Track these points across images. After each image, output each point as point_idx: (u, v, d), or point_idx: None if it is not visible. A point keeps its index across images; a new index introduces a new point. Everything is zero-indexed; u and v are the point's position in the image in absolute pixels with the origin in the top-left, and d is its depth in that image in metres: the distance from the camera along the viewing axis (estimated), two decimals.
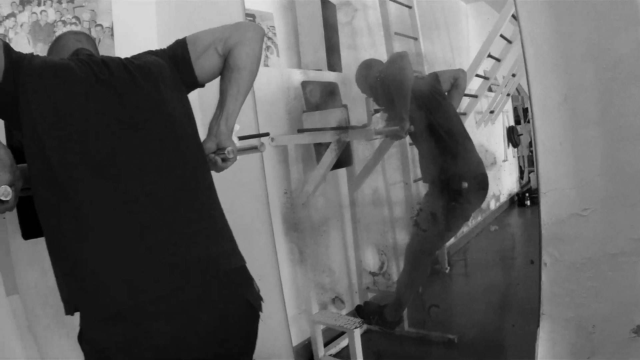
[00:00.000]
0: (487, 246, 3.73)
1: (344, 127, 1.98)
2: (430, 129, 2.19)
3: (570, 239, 1.54)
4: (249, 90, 1.22)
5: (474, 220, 3.89)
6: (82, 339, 1.00)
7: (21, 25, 2.14)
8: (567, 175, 1.50)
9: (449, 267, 3.21)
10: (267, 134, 1.99)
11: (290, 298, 2.21)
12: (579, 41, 1.43)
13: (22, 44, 2.13)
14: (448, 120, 2.28)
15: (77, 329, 0.99)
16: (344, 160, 2.21)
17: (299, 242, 2.22)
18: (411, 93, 2.07)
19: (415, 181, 2.79)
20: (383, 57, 2.68)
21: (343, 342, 2.45)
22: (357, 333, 2.11)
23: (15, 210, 1.13)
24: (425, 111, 2.18)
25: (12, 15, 2.13)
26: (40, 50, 2.16)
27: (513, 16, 3.48)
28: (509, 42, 3.71)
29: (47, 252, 1.01)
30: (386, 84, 2.17)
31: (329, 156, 1.96)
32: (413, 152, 2.98)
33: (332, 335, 2.48)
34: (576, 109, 1.46)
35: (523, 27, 1.48)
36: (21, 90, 0.97)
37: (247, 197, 1.96)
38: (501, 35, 3.44)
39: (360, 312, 2.53)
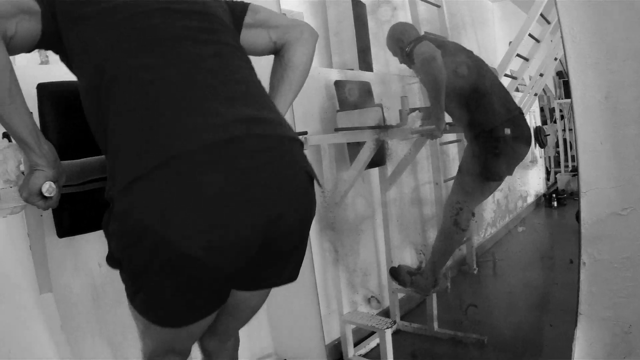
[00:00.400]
0: (514, 247, 3.71)
1: (382, 126, 1.99)
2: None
3: (609, 239, 1.53)
4: (299, 90, 1.21)
5: (502, 221, 3.87)
6: (112, 216, 0.87)
7: None
8: (607, 175, 1.50)
9: (477, 268, 3.21)
10: (305, 133, 2.01)
11: (321, 297, 2.22)
12: (620, 39, 1.43)
13: None
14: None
15: (108, 327, 1.01)
16: (377, 159, 2.22)
17: (335, 242, 2.23)
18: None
19: (445, 181, 2.80)
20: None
21: (372, 343, 2.46)
22: (389, 333, 2.12)
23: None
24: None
25: None
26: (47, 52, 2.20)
27: (542, 15, 3.47)
28: (537, 41, 3.69)
29: (80, 250, 1.02)
30: (417, 68, 2.22)
31: (365, 155, 1.97)
32: (444, 152, 2.99)
33: (362, 336, 2.49)
34: (617, 108, 1.45)
35: (564, 25, 1.47)
36: None
37: None
38: (529, 35, 3.42)
39: (394, 274, 2.50)
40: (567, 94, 5.95)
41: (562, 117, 5.54)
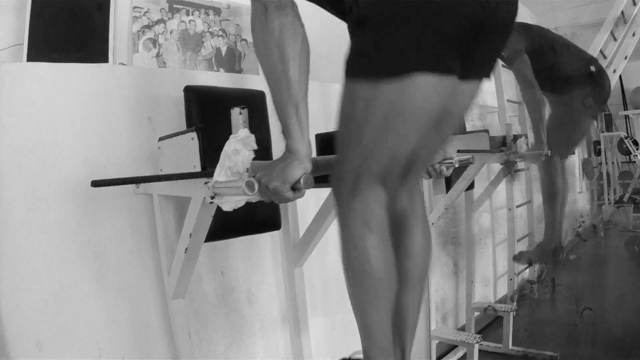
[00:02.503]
0: (567, 274, 3.74)
1: (503, 150, 2.07)
2: None
3: None
4: None
5: None
6: None
7: (171, 32, 2.24)
8: None
9: (537, 292, 3.26)
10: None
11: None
12: None
13: (172, 51, 2.22)
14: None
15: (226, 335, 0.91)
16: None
17: (455, 256, 2.26)
18: None
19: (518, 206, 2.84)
20: None
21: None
22: (477, 348, 2.15)
23: None
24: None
25: (162, 21, 2.22)
26: (189, 57, 2.25)
27: None
28: None
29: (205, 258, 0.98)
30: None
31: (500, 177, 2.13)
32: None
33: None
34: None
35: None
36: None
37: None
38: None
39: (519, 258, 2.65)
40: (609, 127, 6.02)
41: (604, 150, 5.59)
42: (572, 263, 3.93)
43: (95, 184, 0.95)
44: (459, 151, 1.47)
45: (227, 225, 1.46)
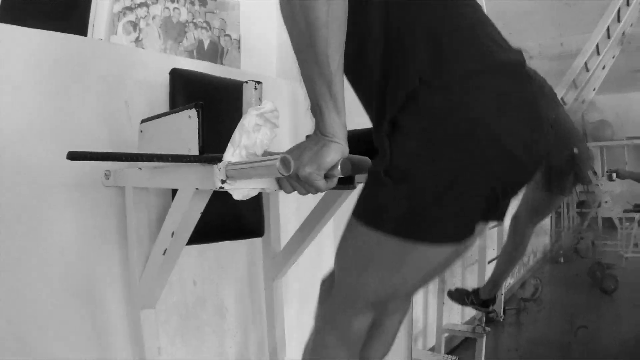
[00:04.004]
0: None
1: None
2: None
3: None
4: None
5: (518, 273, 3.91)
6: (420, 115, 0.81)
7: (153, 18, 2.07)
8: None
9: (503, 316, 3.31)
10: None
11: None
12: None
13: (153, 37, 2.05)
14: None
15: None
16: None
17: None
18: None
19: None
20: None
21: None
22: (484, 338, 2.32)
23: None
24: None
25: (145, 4, 2.05)
26: (170, 47, 2.09)
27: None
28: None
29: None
30: None
31: None
32: None
33: None
34: None
35: None
36: None
37: None
38: None
39: (452, 296, 2.63)
40: None
41: None
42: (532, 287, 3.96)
43: (73, 155, 0.78)
44: None
45: (206, 228, 1.28)
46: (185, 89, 1.39)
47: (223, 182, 0.79)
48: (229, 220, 1.43)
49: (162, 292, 1.27)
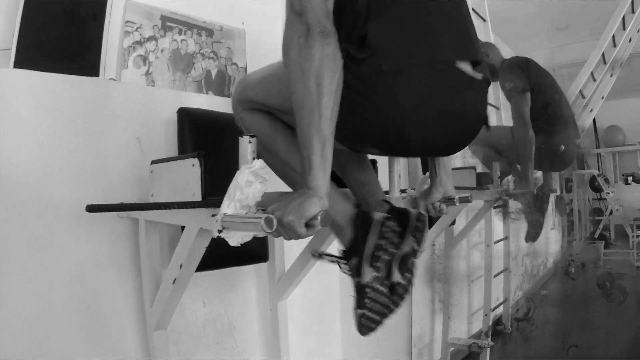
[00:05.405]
0: (540, 309, 3.77)
1: (482, 188, 2.08)
2: None
3: None
4: None
5: (527, 284, 3.94)
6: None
7: (162, 51, 2.17)
8: None
9: (510, 328, 3.30)
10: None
11: None
12: None
13: (162, 70, 2.16)
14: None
15: None
16: None
17: (441, 292, 2.25)
18: None
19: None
20: None
21: None
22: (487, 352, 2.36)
23: None
24: None
25: (154, 38, 2.15)
26: (179, 78, 2.20)
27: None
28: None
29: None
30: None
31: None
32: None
33: None
34: None
35: None
36: None
37: None
38: None
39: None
40: (580, 165, 6.18)
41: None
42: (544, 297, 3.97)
43: (91, 209, 0.88)
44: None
45: (213, 256, 1.39)
46: (193, 127, 1.50)
47: (220, 231, 0.89)
48: (235, 248, 1.53)
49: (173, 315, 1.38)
